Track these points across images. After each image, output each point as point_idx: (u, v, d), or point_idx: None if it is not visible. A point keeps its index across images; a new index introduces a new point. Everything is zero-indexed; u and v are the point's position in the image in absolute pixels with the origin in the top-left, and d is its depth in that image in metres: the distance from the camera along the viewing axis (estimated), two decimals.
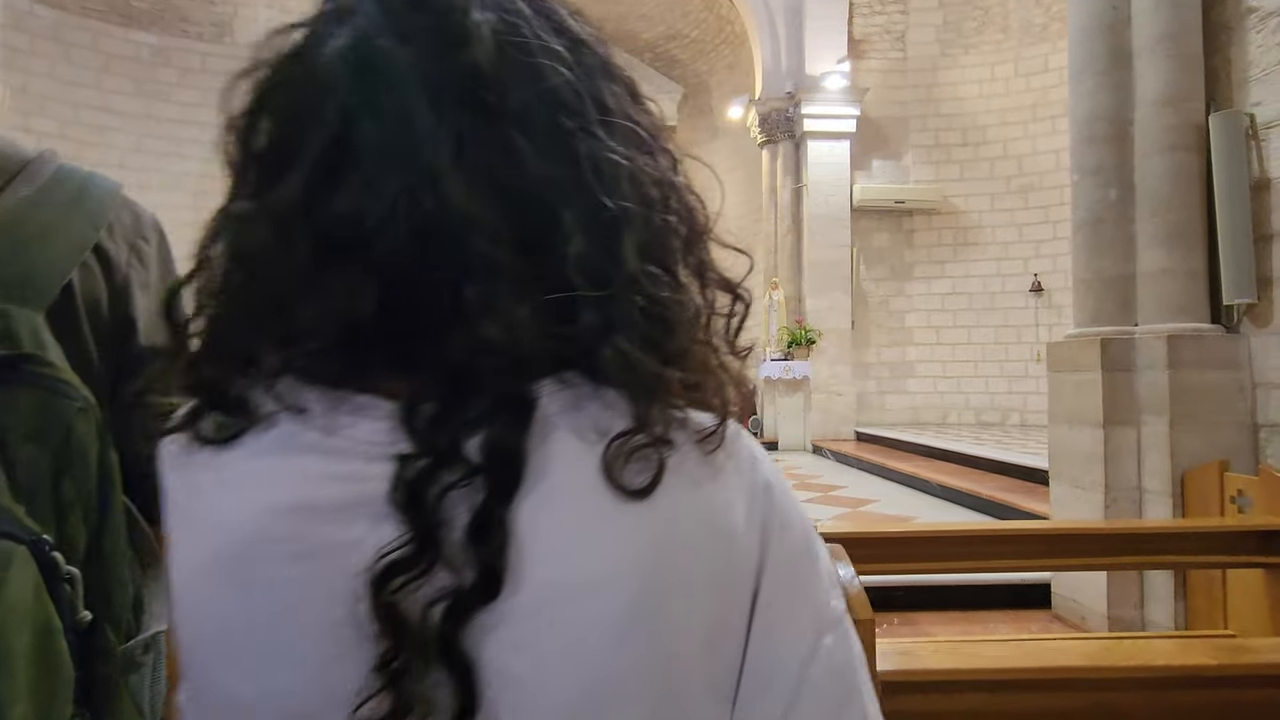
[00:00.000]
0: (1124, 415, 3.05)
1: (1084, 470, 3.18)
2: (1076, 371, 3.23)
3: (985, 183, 9.98)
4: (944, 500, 5.68)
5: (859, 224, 9.92)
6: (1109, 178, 3.17)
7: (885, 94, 10.11)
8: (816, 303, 9.66)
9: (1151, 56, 3.04)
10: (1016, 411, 9.78)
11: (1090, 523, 2.69)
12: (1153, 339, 2.97)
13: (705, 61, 12.80)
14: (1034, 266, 9.70)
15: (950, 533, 2.30)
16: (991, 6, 9.82)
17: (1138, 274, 3.10)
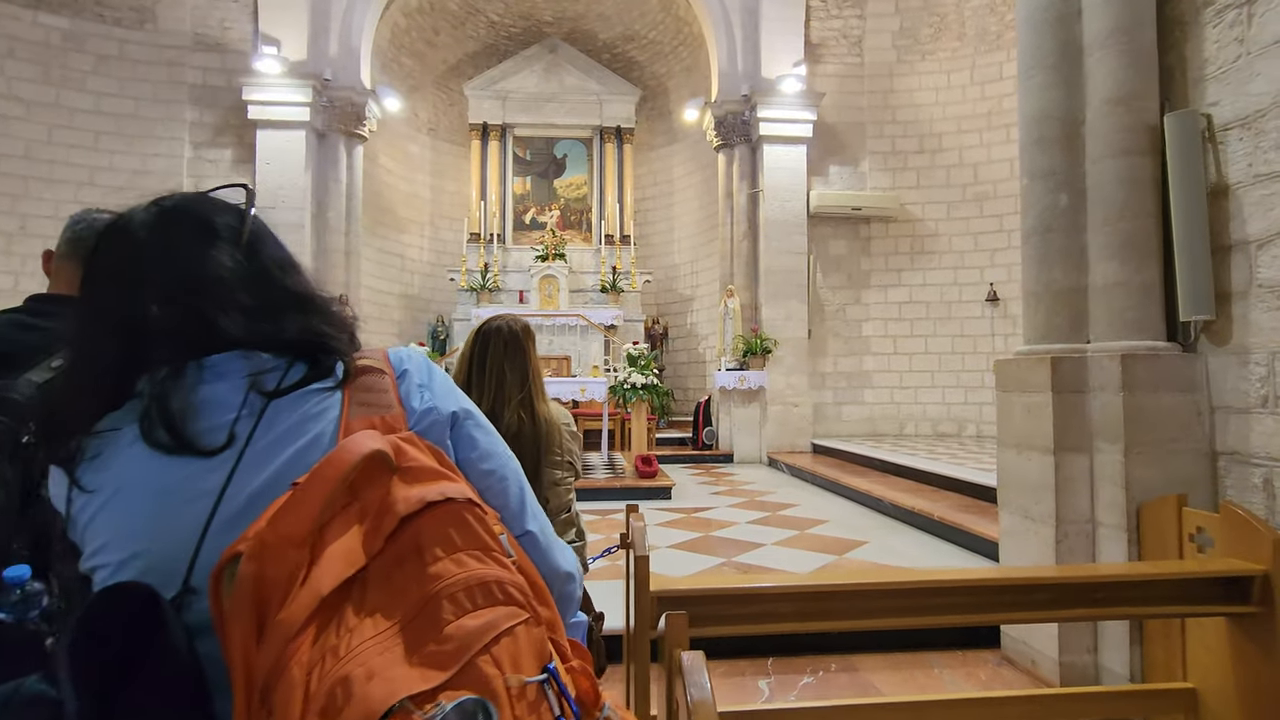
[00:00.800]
0: (1076, 441, 2.80)
1: (1034, 500, 2.91)
2: (1025, 392, 2.96)
3: (942, 190, 9.89)
4: (896, 520, 5.43)
5: (816, 231, 9.73)
6: (1059, 182, 2.92)
7: (842, 99, 9.95)
8: (773, 311, 9.43)
9: (1103, 52, 2.80)
10: (972, 422, 9.67)
11: (1040, 571, 2.40)
12: (1105, 358, 2.71)
13: (663, 64, 12.54)
14: (990, 276, 9.63)
15: (890, 586, 1.98)
16: (948, 13, 9.74)
17: (1090, 287, 2.85)
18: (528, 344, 1.87)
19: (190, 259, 0.67)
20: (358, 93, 9.38)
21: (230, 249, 0.69)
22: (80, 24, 8.65)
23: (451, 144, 12.84)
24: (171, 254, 0.67)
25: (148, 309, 0.64)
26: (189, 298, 0.65)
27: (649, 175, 13.20)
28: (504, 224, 12.10)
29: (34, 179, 8.43)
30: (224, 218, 0.71)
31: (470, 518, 0.58)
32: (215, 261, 0.67)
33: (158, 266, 0.66)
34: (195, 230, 0.68)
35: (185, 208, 0.70)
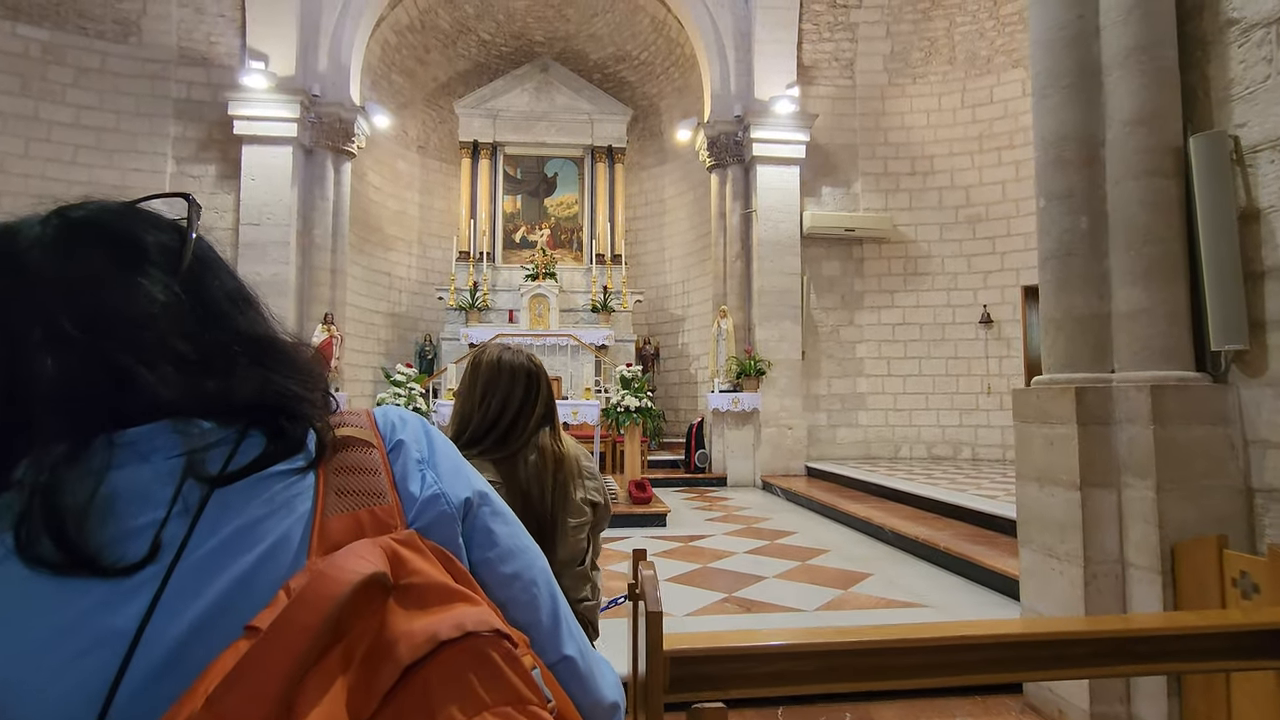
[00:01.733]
0: (1102, 476, 2.65)
1: (1058, 538, 2.76)
2: (1047, 424, 2.82)
3: (934, 212, 9.88)
4: (899, 550, 5.26)
5: (809, 251, 9.67)
6: (1078, 204, 2.81)
7: (834, 121, 9.96)
8: (766, 332, 9.31)
9: (1123, 71, 2.71)
10: (968, 445, 9.56)
11: (1073, 624, 2.24)
12: (1133, 389, 2.58)
13: (654, 84, 12.54)
14: (983, 298, 9.59)
15: (915, 643, 1.81)
16: (938, 37, 9.80)
17: (1113, 314, 2.73)
18: (542, 371, 1.71)
19: (103, 291, 0.48)
20: (346, 109, 9.24)
21: (164, 278, 0.50)
22: (61, 36, 8.46)
23: (441, 162, 12.72)
24: (75, 284, 0.47)
25: (35, 362, 0.44)
26: (99, 344, 0.46)
27: (640, 195, 13.13)
28: (494, 242, 11.95)
29: (7, 194, 8.17)
30: (156, 235, 0.52)
31: (498, 656, 0.42)
32: (141, 294, 0.48)
33: (54, 301, 0.46)
34: (113, 252, 0.49)
35: (101, 221, 0.51)
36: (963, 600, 4.03)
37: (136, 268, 0.49)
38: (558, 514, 1.54)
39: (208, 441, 0.47)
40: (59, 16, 8.43)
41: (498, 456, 1.53)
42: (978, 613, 3.81)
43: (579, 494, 1.61)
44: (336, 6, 9.14)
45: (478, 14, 11.71)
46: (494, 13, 11.75)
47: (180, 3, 8.79)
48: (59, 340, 0.45)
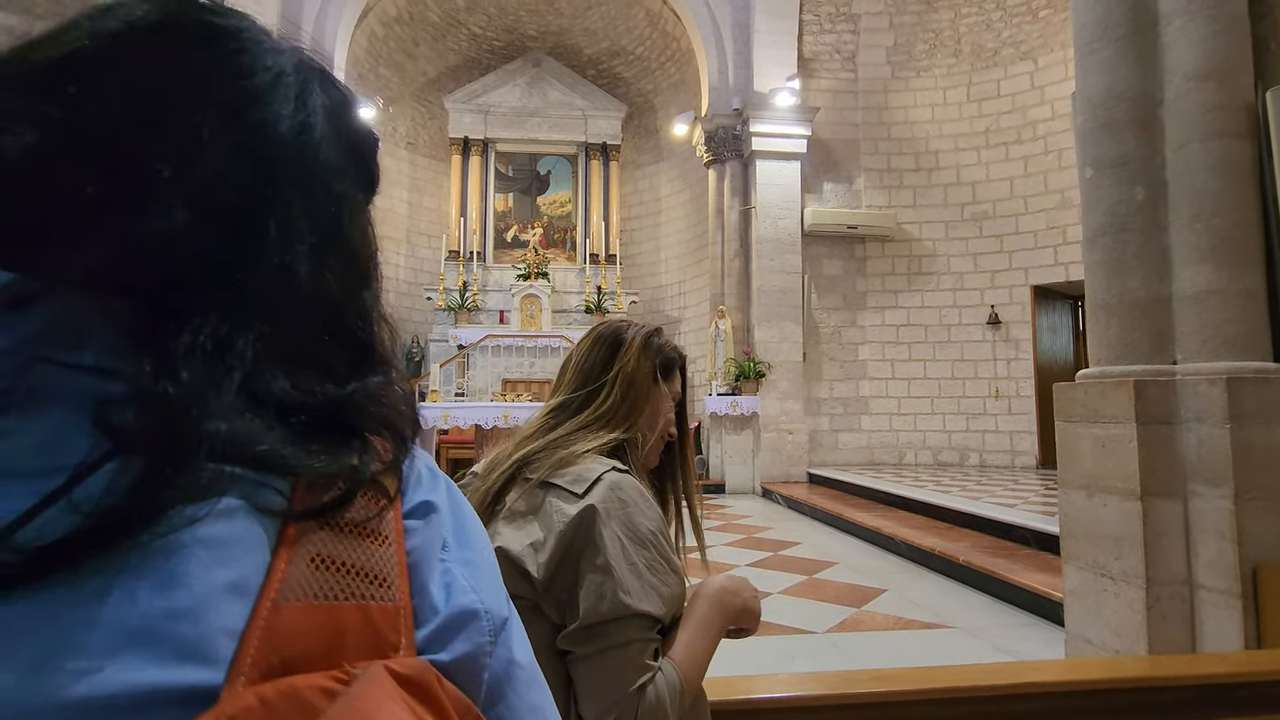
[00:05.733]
0: (1166, 484, 2.30)
1: (1111, 554, 2.40)
2: (1097, 423, 2.47)
3: (939, 209, 9.55)
4: (912, 563, 4.89)
5: (810, 250, 9.33)
6: (1133, 173, 2.46)
7: (836, 115, 9.64)
8: (766, 333, 8.96)
9: (1185, 20, 2.37)
10: (975, 451, 9.21)
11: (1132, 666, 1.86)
12: (1203, 383, 2.23)
13: (650, 80, 12.23)
14: (990, 298, 9.26)
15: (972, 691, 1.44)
16: (943, 29, 9.51)
17: (1174, 296, 2.38)
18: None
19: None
20: None
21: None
22: (30, 23, 8.07)
23: (431, 159, 12.36)
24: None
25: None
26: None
27: (635, 194, 12.80)
28: (485, 242, 11.59)
29: None
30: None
31: None
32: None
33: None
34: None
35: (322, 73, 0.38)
36: (991, 621, 3.66)
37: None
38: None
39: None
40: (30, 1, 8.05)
41: None
42: (1009, 635, 3.44)
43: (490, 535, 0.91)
44: None
45: (468, 6, 11.39)
46: (485, 5, 11.43)
47: None
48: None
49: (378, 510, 0.32)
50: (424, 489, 0.36)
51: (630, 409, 1.00)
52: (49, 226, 0.28)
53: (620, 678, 0.80)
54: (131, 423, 0.26)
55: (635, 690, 0.80)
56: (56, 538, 0.24)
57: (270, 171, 0.32)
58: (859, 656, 3.16)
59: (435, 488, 0.37)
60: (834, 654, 3.19)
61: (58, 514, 0.24)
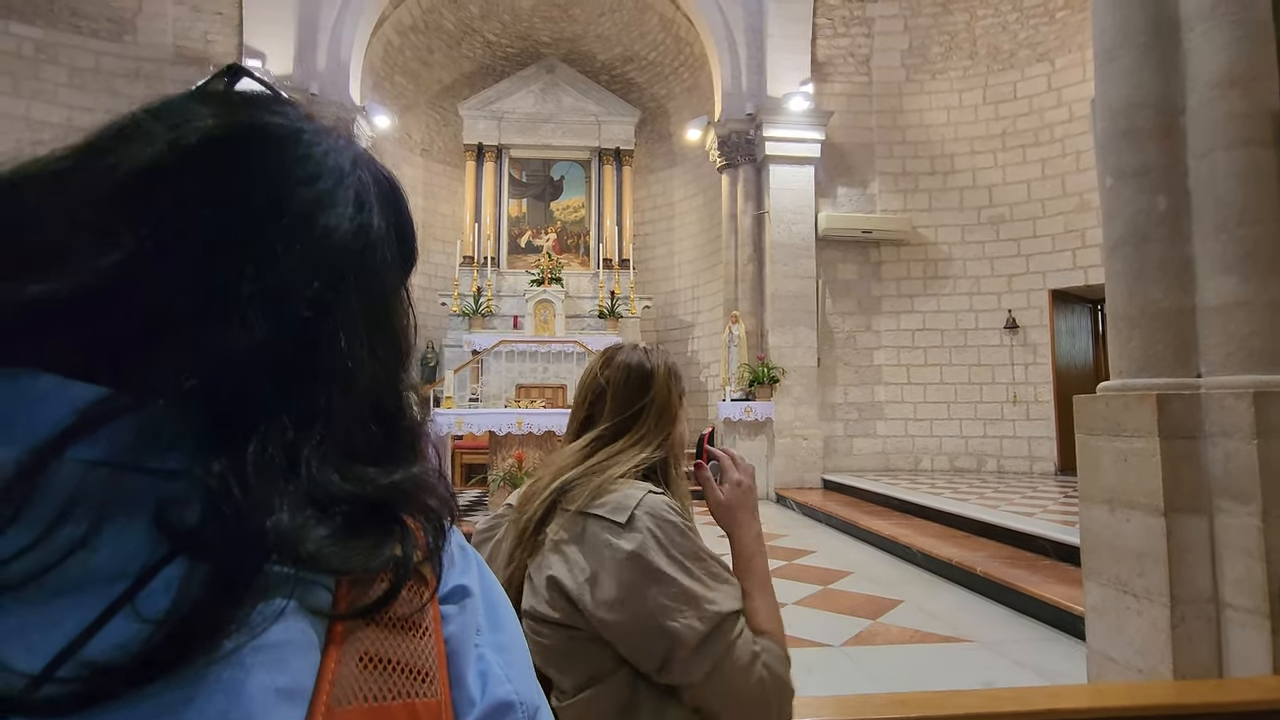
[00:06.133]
0: (1190, 499, 2.25)
1: (1135, 571, 2.35)
2: (1119, 436, 2.42)
3: (955, 213, 9.47)
4: (929, 573, 4.84)
5: (824, 254, 9.28)
6: (1155, 182, 2.42)
7: (850, 119, 9.59)
8: (780, 338, 8.92)
9: (1208, 26, 2.33)
10: (993, 457, 9.10)
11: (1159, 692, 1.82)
12: (1230, 396, 2.18)
13: (663, 85, 12.24)
14: (1008, 302, 9.15)
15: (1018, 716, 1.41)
16: (958, 32, 9.43)
17: (1199, 308, 2.34)
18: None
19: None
20: (346, 109, 8.97)
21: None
22: (55, 35, 8.25)
23: (445, 165, 12.45)
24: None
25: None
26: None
27: (648, 198, 12.80)
28: (499, 247, 11.64)
29: None
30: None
31: None
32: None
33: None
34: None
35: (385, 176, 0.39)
36: (1010, 634, 3.60)
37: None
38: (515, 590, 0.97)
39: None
40: (52, 15, 8.22)
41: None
42: (1029, 649, 3.39)
43: (539, 567, 0.93)
44: (336, 4, 8.89)
45: (482, 14, 11.47)
46: (499, 13, 11.50)
47: (177, 1, 8.57)
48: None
49: (421, 604, 0.33)
50: (457, 571, 0.36)
51: (664, 433, 1.07)
52: (137, 341, 0.28)
53: (744, 674, 0.87)
54: (200, 526, 0.26)
55: (757, 681, 0.87)
56: (123, 657, 0.24)
57: (336, 279, 0.33)
58: (876, 671, 3.12)
59: (467, 568, 0.37)
60: (850, 668, 3.15)
61: (124, 624, 0.24)
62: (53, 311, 0.27)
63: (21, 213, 0.29)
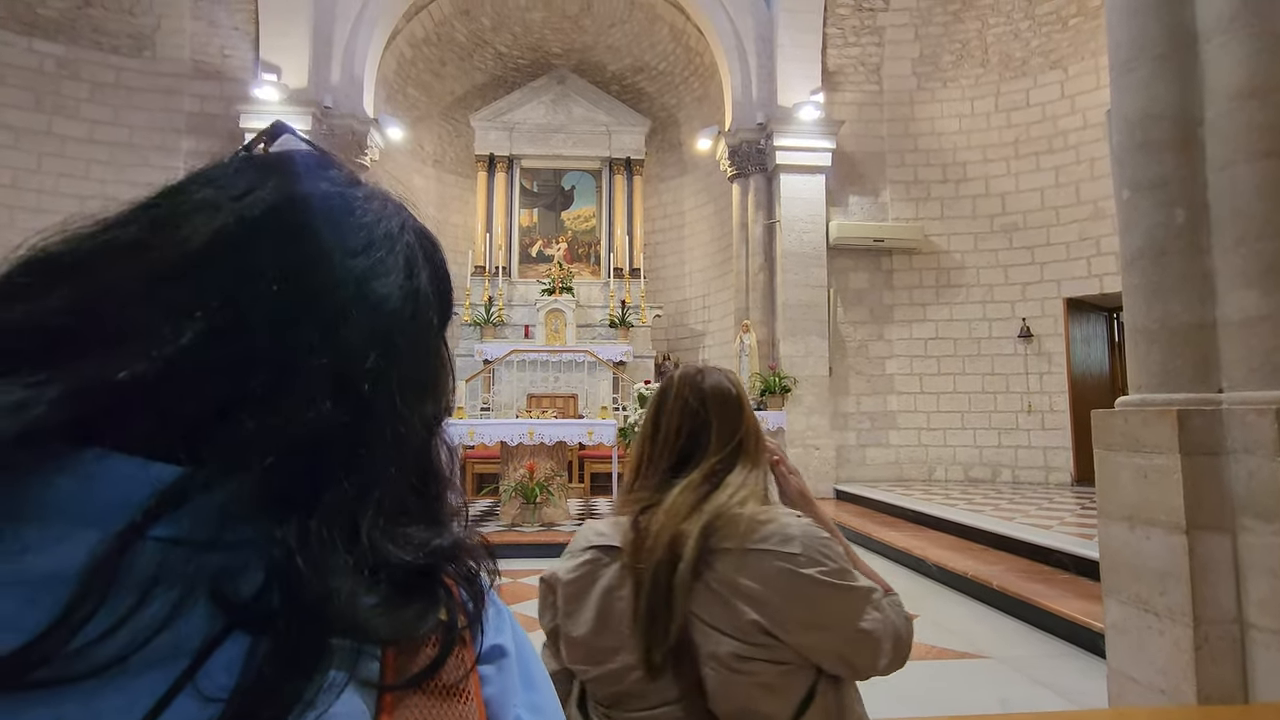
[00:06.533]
0: (1212, 517, 2.21)
1: (1156, 589, 2.31)
2: (1139, 452, 2.39)
3: (968, 221, 9.41)
4: (944, 586, 4.78)
5: (836, 263, 9.25)
6: (1173, 194, 2.39)
7: (861, 128, 9.58)
8: (791, 347, 8.89)
9: (1226, 37, 2.31)
10: (1008, 467, 9.00)
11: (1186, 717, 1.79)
12: (1252, 413, 2.15)
13: (673, 95, 12.29)
14: (1021, 311, 9.07)
15: None
16: (970, 40, 9.41)
17: (1219, 322, 2.30)
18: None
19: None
20: (359, 121, 9.08)
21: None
22: (76, 51, 8.41)
23: (457, 176, 12.55)
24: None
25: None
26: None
27: (659, 207, 12.83)
28: (510, 257, 11.70)
29: (20, 209, 8.09)
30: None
31: None
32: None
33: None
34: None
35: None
36: (1027, 650, 3.55)
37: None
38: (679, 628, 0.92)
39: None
40: (74, 31, 8.39)
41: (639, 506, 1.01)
42: (1046, 666, 3.34)
43: (723, 611, 0.92)
44: (350, 19, 9.01)
45: (494, 26, 11.58)
46: (510, 25, 11.61)
47: (195, 16, 8.72)
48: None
49: (466, 671, 0.33)
50: (493, 630, 0.36)
51: (761, 451, 1.09)
52: (211, 419, 0.28)
53: (909, 630, 1.01)
54: (264, 599, 0.26)
55: (907, 631, 1.00)
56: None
57: (390, 347, 0.33)
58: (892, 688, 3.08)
59: (501, 627, 0.37)
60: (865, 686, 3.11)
61: (189, 704, 0.24)
62: (136, 392, 0.27)
63: (98, 287, 0.29)
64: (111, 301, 0.28)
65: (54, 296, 0.28)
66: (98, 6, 8.38)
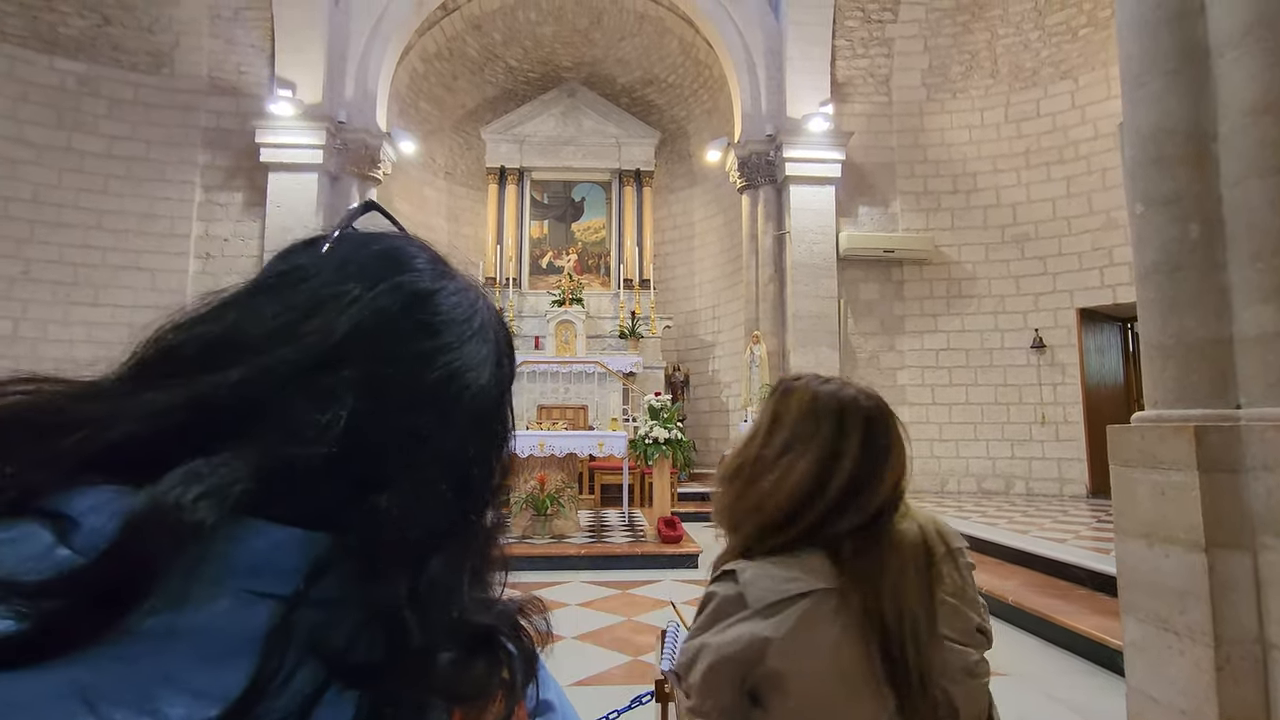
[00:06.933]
0: (1231, 535, 2.19)
1: (1175, 608, 2.28)
2: (1155, 469, 2.37)
3: (978, 232, 9.38)
4: None
5: (846, 274, 9.24)
6: (1186, 210, 2.39)
7: (870, 139, 9.59)
8: (802, 358, 8.86)
9: (1238, 52, 2.30)
10: (1021, 479, 8.92)
11: None
12: (1270, 429, 2.13)
13: (683, 107, 12.36)
14: (1034, 321, 9.02)
15: None
16: (979, 50, 9.41)
17: (1235, 338, 2.28)
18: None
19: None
20: (372, 135, 9.19)
21: None
22: (96, 69, 8.57)
23: (468, 188, 12.66)
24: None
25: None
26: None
27: (669, 218, 12.88)
28: (520, 268, 11.77)
29: (41, 223, 8.23)
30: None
31: None
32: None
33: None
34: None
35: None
36: (1044, 668, 3.51)
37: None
38: (930, 663, 0.86)
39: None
40: (94, 50, 8.56)
41: (853, 544, 0.91)
42: (1064, 683, 3.29)
43: (966, 613, 0.92)
44: (364, 34, 9.14)
45: (505, 41, 11.71)
46: (521, 39, 11.73)
47: (212, 34, 8.87)
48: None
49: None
50: (541, 685, 0.38)
51: None
52: (355, 492, 0.30)
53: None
54: (373, 657, 0.28)
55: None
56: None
57: (489, 430, 0.36)
58: None
59: (547, 682, 0.39)
60: None
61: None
62: (297, 470, 0.29)
63: (261, 371, 0.31)
64: (270, 384, 0.31)
65: (228, 374, 0.30)
66: (117, 25, 8.55)
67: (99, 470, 0.27)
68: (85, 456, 0.27)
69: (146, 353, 0.32)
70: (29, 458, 0.27)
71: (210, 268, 8.70)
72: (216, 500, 0.26)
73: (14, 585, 0.24)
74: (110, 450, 0.28)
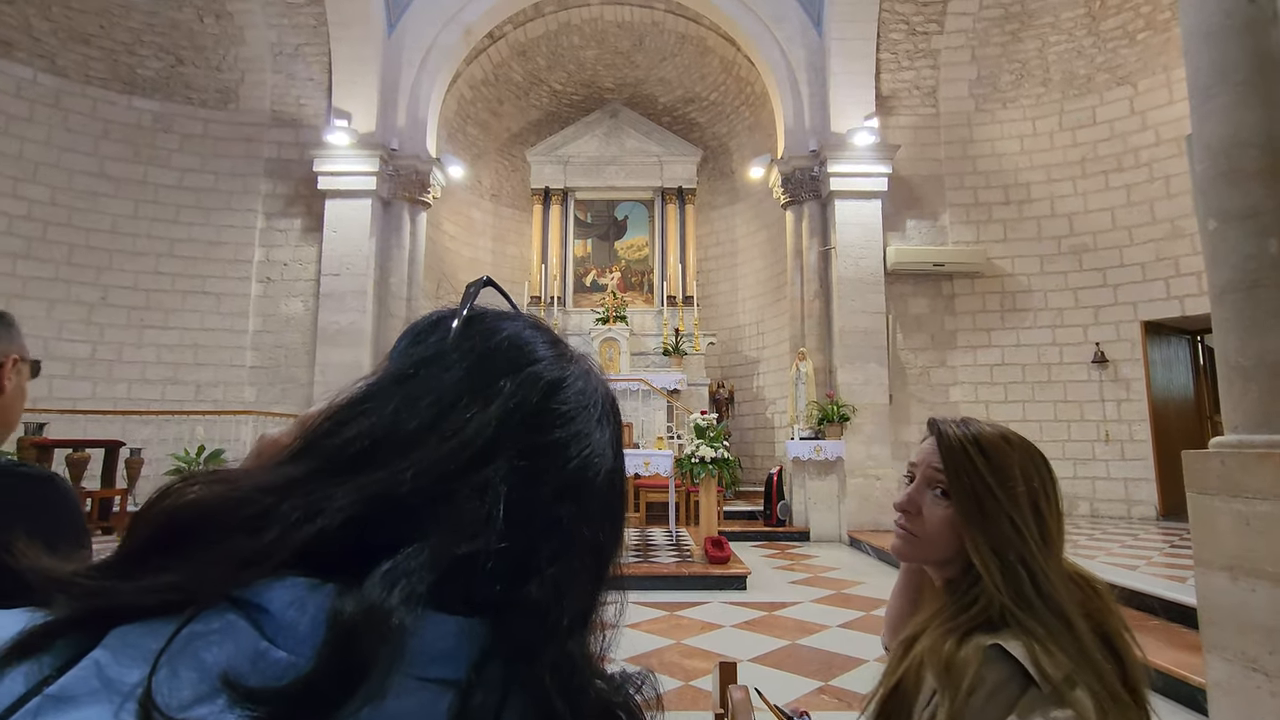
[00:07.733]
0: None
1: (1264, 647, 2.15)
2: (1239, 497, 2.24)
3: (1033, 243, 9.10)
4: None
5: (894, 289, 9.07)
6: (1265, 225, 2.28)
7: (917, 151, 9.43)
8: (849, 375, 8.72)
9: None
10: (1085, 500, 8.54)
11: None
12: None
13: (725, 124, 12.40)
14: (1094, 335, 8.67)
15: None
16: (1030, 59, 9.19)
17: None
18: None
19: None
20: (422, 161, 9.49)
21: None
22: (170, 106, 9.11)
23: (514, 209, 12.93)
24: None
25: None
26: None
27: (711, 235, 12.89)
28: (564, 287, 11.93)
29: (118, 252, 8.75)
30: None
31: None
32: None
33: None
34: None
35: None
36: None
37: None
38: None
39: None
40: (169, 89, 9.10)
41: None
42: None
43: None
44: (414, 65, 9.49)
45: (549, 65, 11.98)
46: (565, 63, 11.99)
47: (274, 70, 9.34)
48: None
49: None
50: None
51: None
52: (512, 579, 0.33)
53: None
54: None
55: None
56: None
57: (616, 517, 0.38)
58: None
59: None
60: None
61: None
62: (468, 561, 0.31)
63: (428, 465, 0.33)
64: (439, 479, 0.33)
65: (403, 472, 0.32)
66: (189, 65, 9.09)
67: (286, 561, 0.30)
68: (290, 551, 0.29)
69: (314, 442, 0.34)
70: (228, 553, 0.29)
71: (270, 291, 9.10)
72: (415, 601, 0.28)
73: (242, 689, 0.26)
74: (303, 544, 0.30)
